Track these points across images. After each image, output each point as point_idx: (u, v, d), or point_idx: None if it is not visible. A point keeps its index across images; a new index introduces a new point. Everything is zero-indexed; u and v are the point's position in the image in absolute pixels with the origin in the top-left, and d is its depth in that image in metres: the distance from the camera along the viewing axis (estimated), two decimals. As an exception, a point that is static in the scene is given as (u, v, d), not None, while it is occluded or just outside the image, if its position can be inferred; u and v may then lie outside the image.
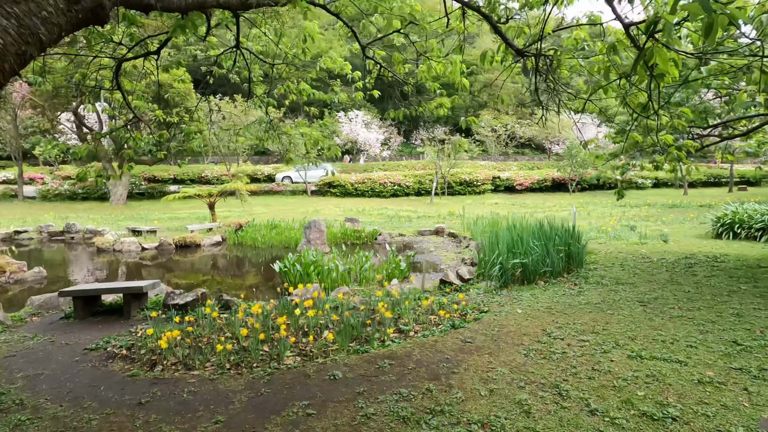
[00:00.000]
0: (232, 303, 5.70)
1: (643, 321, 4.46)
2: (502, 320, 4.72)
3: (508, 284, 6.55)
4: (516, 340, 4.09)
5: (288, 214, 19.18)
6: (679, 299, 5.21)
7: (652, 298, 5.29)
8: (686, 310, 4.78)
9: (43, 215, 18.35)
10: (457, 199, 24.86)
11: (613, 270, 7.13)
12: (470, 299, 5.79)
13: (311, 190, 26.31)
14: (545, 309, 5.08)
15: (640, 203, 20.73)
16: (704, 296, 5.31)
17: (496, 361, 3.66)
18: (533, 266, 6.58)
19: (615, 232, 11.62)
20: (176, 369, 3.93)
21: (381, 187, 25.29)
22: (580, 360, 3.56)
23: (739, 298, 5.18)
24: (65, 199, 23.00)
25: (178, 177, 32.14)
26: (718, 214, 10.97)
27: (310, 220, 10.02)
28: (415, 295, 5.97)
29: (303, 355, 4.12)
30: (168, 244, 12.07)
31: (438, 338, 4.27)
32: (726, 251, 8.65)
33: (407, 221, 16.52)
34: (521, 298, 5.65)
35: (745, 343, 3.74)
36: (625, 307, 5.00)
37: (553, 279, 6.64)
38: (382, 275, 7.71)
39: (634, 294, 5.54)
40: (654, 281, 6.22)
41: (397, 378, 3.45)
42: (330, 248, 10.15)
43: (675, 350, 3.67)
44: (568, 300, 5.44)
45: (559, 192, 26.53)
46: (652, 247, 9.54)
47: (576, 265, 7.27)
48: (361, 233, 12.82)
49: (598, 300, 5.35)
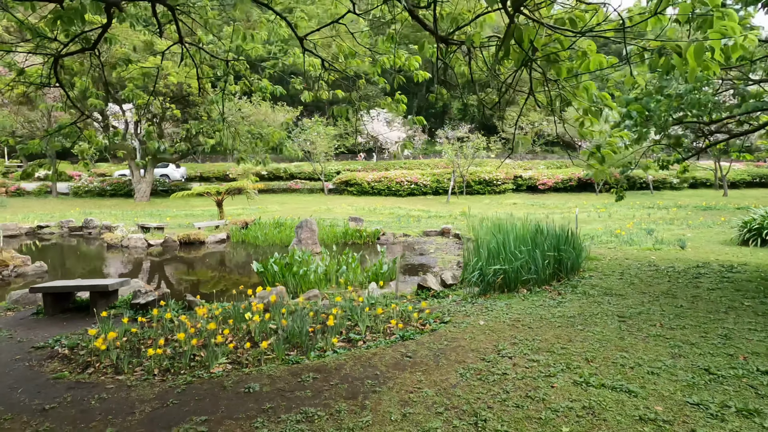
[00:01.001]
0: (195, 304, 5.62)
1: (612, 340, 3.99)
2: (458, 333, 4.36)
3: (487, 292, 6.14)
4: (460, 356, 3.75)
5: (300, 212, 19.25)
6: (666, 315, 4.66)
7: (636, 313, 4.77)
8: (668, 328, 4.26)
9: (70, 211, 19.26)
10: (475, 198, 24.19)
11: (608, 279, 6.56)
12: (439, 308, 5.44)
13: (328, 188, 26.35)
14: (511, 321, 4.67)
15: (671, 205, 19.40)
16: (697, 312, 4.73)
17: (427, 380, 3.34)
18: (514, 273, 6.13)
19: (630, 236, 10.85)
20: (106, 372, 3.84)
21: (397, 185, 24.98)
22: (518, 384, 3.18)
23: (736, 315, 4.58)
24: (95, 196, 24.10)
25: (204, 174, 33.10)
26: (745, 219, 10.00)
27: (302, 220, 9.91)
28: (384, 302, 5.69)
29: (236, 363, 3.94)
30: (172, 241, 12.30)
31: (380, 350, 3.99)
32: (747, 260, 7.83)
33: (416, 221, 16.16)
34: (493, 308, 5.26)
35: (718, 372, 3.24)
36: (600, 322, 4.52)
37: (537, 287, 6.17)
38: (362, 278, 7.46)
39: (618, 307, 5.02)
40: (648, 293, 5.65)
41: (313, 395, 3.20)
42: (322, 248, 9.98)
43: (631, 377, 3.22)
44: (542, 312, 5.00)
45: (584, 192, 25.30)
46: (664, 253, 8.78)
47: (567, 272, 6.74)
48: (363, 233, 12.60)
49: (575, 313, 4.88)
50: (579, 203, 20.87)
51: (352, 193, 25.50)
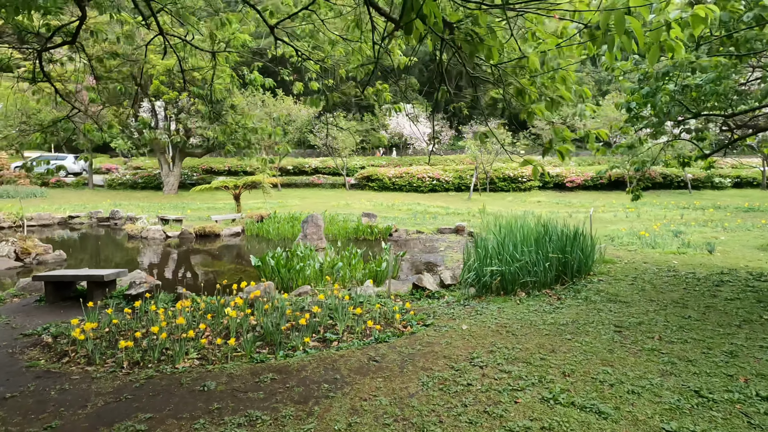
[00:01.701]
0: (184, 296, 5.66)
1: (600, 352, 3.67)
2: (436, 337, 4.15)
3: (483, 294, 5.87)
4: (429, 363, 3.54)
5: (319, 207, 19.33)
6: (670, 327, 4.26)
7: (636, 323, 4.38)
8: (667, 341, 3.88)
9: (102, 202, 20.17)
10: (498, 196, 23.55)
11: (618, 284, 6.13)
12: (427, 309, 5.23)
13: (350, 183, 26.36)
14: (497, 327, 4.40)
15: (708, 205, 18.13)
16: (705, 325, 4.30)
17: (386, 387, 3.16)
18: (511, 275, 5.82)
19: (654, 238, 10.16)
20: (79, 363, 3.89)
21: (419, 181, 24.65)
22: (480, 397, 2.95)
23: (750, 330, 4.13)
24: (127, 188, 25.17)
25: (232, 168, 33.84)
26: (785, 222, 9.13)
27: (308, 215, 9.88)
28: (372, 301, 5.53)
29: (205, 359, 3.90)
30: (188, 233, 12.59)
31: (349, 353, 3.84)
32: (781, 268, 7.13)
33: (432, 218, 15.86)
34: (483, 312, 4.99)
35: (710, 395, 2.88)
36: (593, 332, 4.19)
37: (536, 291, 5.84)
38: (360, 275, 7.33)
39: (618, 316, 4.65)
40: (657, 301, 5.21)
41: (266, 397, 3.09)
42: (327, 244, 9.90)
43: (608, 396, 2.92)
44: (533, 317, 4.70)
45: (615, 190, 24.08)
46: (689, 257, 8.15)
47: (573, 275, 6.34)
48: (374, 229, 12.46)
49: (569, 320, 4.55)
50: (608, 202, 19.86)
51: (373, 188, 25.39)
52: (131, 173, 25.93)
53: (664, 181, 24.56)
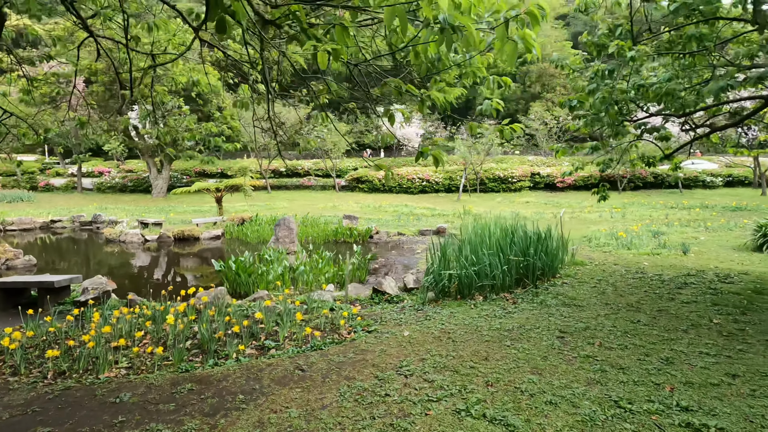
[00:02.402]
0: (134, 303, 5.57)
1: (533, 359, 3.57)
2: (373, 345, 4.05)
3: (441, 298, 5.77)
4: (355, 372, 3.44)
5: (307, 209, 19.24)
6: (615, 332, 4.16)
7: (582, 328, 4.28)
8: (606, 348, 3.77)
9: (89, 206, 20.10)
10: (488, 196, 23.44)
11: (580, 287, 6.03)
12: (379, 314, 5.13)
13: (341, 185, 26.28)
14: (440, 333, 4.30)
15: (697, 205, 18.01)
16: (652, 330, 4.20)
17: (301, 398, 3.06)
18: (468, 279, 5.72)
19: (632, 239, 10.05)
20: (4, 373, 3.80)
21: (409, 183, 24.56)
22: (392, 409, 2.85)
23: (696, 335, 4.02)
24: (117, 192, 25.10)
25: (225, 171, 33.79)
26: (761, 222, 9.03)
27: (280, 218, 9.78)
28: (326, 306, 5.43)
29: (133, 368, 3.81)
30: (167, 237, 12.51)
31: (278, 361, 3.74)
32: (751, 268, 7.02)
33: (416, 219, 15.76)
34: (432, 317, 4.89)
35: (629, 406, 2.78)
36: (535, 337, 4.08)
37: (494, 294, 5.73)
38: (323, 279, 7.24)
39: (568, 321, 4.54)
40: (612, 305, 5.11)
41: (176, 409, 2.99)
42: (299, 247, 9.80)
43: (524, 407, 2.81)
44: (482, 323, 4.60)
45: (606, 190, 23.96)
46: (661, 259, 8.05)
47: (535, 278, 6.24)
48: (354, 231, 12.37)
49: (516, 325, 4.45)
50: (596, 202, 19.72)
51: (363, 190, 25.31)
52: (121, 177, 25.87)
53: (655, 180, 24.45)
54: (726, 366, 3.34)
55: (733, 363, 3.39)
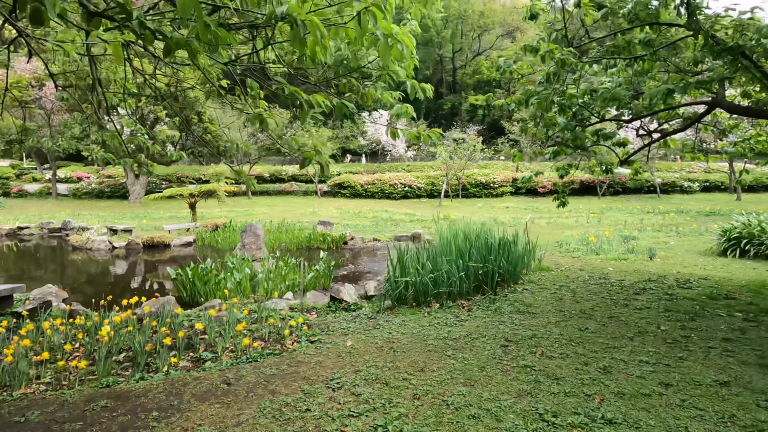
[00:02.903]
0: (77, 313, 5.35)
1: (470, 370, 3.46)
2: (311, 356, 3.91)
3: (398, 305, 5.65)
4: (282, 386, 3.30)
5: (286, 215, 19.03)
6: (560, 340, 4.08)
7: (529, 336, 4.20)
8: (547, 356, 3.69)
9: (61, 212, 19.63)
10: (469, 201, 23.48)
11: (539, 294, 5.97)
12: (330, 323, 4.99)
13: (323, 191, 26.12)
14: (384, 342, 4.18)
15: (672, 210, 18.23)
16: (598, 337, 4.13)
17: (218, 415, 2.91)
18: (423, 287, 5.62)
19: (602, 244, 10.07)
20: None
21: (391, 188, 24.50)
22: (308, 426, 2.72)
23: (640, 342, 3.96)
24: (93, 198, 24.59)
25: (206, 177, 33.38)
26: (725, 227, 9.11)
27: (247, 224, 9.60)
28: (283, 314, 5.28)
29: (55, 384, 3.61)
30: (135, 244, 12.22)
31: (207, 374, 3.58)
32: (712, 273, 7.04)
33: (394, 225, 15.67)
34: (383, 326, 4.77)
35: (553, 419, 2.68)
36: (479, 347, 3.98)
37: (450, 301, 5.64)
38: (284, 287, 7.07)
39: (517, 329, 4.46)
40: (566, 311, 5.04)
41: (82, 428, 2.82)
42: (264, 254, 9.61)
43: (445, 422, 2.70)
44: (430, 332, 4.49)
45: (587, 195, 24.19)
46: (627, 264, 8.05)
47: (495, 285, 6.16)
48: (327, 238, 12.22)
49: (464, 334, 4.35)
50: (575, 207, 19.87)
51: (346, 195, 25.17)
52: (98, 182, 25.37)
53: (634, 186, 24.74)
54: (662, 375, 3.28)
55: (670, 372, 3.33)
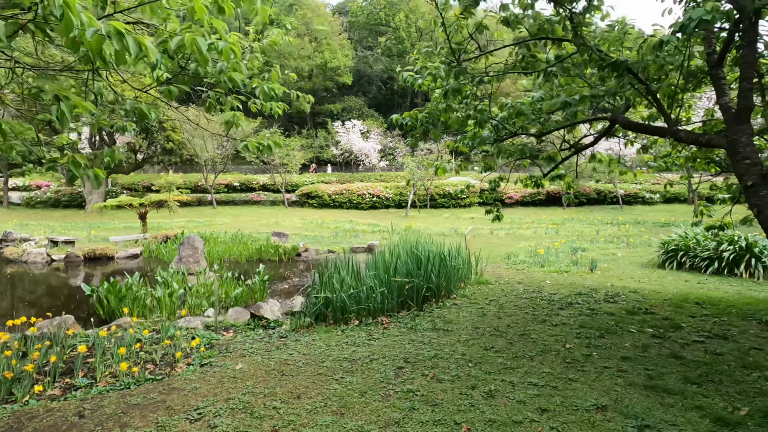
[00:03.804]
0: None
1: (350, 396, 3.27)
2: (190, 381, 3.65)
3: (312, 324, 5.42)
4: (138, 418, 3.03)
5: (248, 225, 18.62)
6: (461, 360, 3.93)
7: (430, 357, 4.03)
8: (439, 379, 3.53)
9: (9, 222, 18.73)
10: (437, 212, 23.50)
11: (467, 309, 5.84)
12: (234, 342, 4.73)
13: (291, 200, 25.77)
14: (276, 365, 3.95)
15: (630, 220, 18.60)
16: (500, 357, 4.00)
17: (48, 454, 2.63)
18: (341, 303, 5.42)
19: (551, 256, 10.10)
20: None
21: (359, 198, 24.33)
22: (139, 465, 2.47)
23: (538, 363, 3.84)
24: (48, 207, 23.61)
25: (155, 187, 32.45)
26: (665, 239, 9.25)
27: (185, 236, 9.25)
28: (197, 333, 4.99)
29: None
30: (75, 256, 11.66)
31: (63, 405, 3.28)
32: (643, 286, 7.07)
33: (353, 236, 15.47)
34: (289, 345, 4.54)
35: (407, 452, 2.51)
36: (375, 368, 3.80)
37: (370, 318, 5.45)
38: (208, 303, 6.76)
39: (422, 348, 4.29)
40: (481, 328, 4.92)
41: None
42: (200, 268, 9.24)
43: (290, 458, 2.49)
44: (334, 352, 4.28)
45: (552, 206, 24.54)
46: (567, 276, 8.04)
47: (421, 300, 6.02)
48: (279, 249, 11.93)
49: (366, 354, 4.16)
50: (538, 218, 20.10)
51: (313, 205, 24.88)
52: (53, 191, 24.41)
53: (598, 197, 25.23)
54: (544, 399, 3.15)
55: (554, 395, 3.20)
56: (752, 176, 2.88)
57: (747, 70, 3.05)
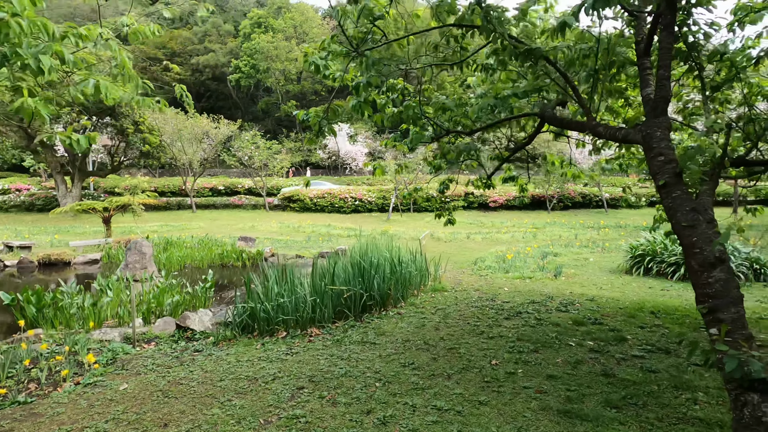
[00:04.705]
0: None
1: (225, 423, 2.89)
2: (61, 404, 3.26)
3: (236, 336, 5.03)
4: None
5: (225, 230, 18.20)
6: (372, 378, 3.56)
7: (339, 375, 3.66)
8: (334, 402, 3.15)
9: (-23, 226, 18.21)
10: (419, 216, 23.14)
11: (408, 319, 5.48)
12: (142, 356, 4.34)
13: (273, 204, 25.36)
14: (168, 385, 3.56)
15: (612, 224, 18.31)
16: (416, 375, 3.63)
17: None
18: (265, 314, 5.04)
19: (518, 261, 9.75)
20: None
21: (341, 202, 23.96)
22: None
23: (455, 381, 3.48)
24: (22, 210, 23.07)
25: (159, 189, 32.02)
26: (633, 244, 8.94)
27: (132, 241, 8.84)
28: (112, 347, 4.59)
29: None
30: (29, 262, 11.20)
31: None
32: (605, 294, 6.73)
33: (327, 240, 15.09)
34: (196, 362, 4.16)
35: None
36: (272, 389, 3.42)
37: (300, 330, 5.08)
38: (143, 310, 6.36)
39: (336, 364, 3.92)
40: (413, 341, 4.55)
41: None
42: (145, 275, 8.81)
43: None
44: (240, 369, 3.90)
45: (537, 210, 24.24)
46: (528, 284, 7.69)
47: (360, 310, 5.65)
48: (243, 255, 11.53)
49: (271, 373, 3.78)
50: (519, 222, 19.77)
51: (295, 209, 24.47)
52: (28, 194, 23.89)
53: (583, 200, 24.98)
54: (440, 428, 2.78)
55: (453, 423, 2.84)
56: (665, 175, 2.54)
57: (664, 56, 2.72)
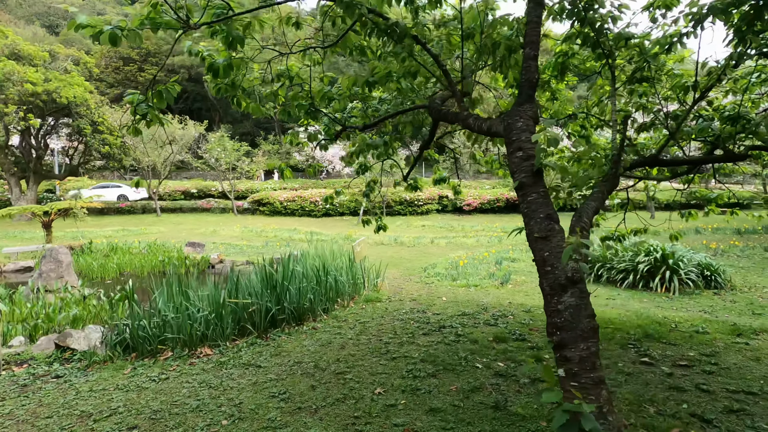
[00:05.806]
0: None
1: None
2: None
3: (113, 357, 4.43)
4: None
5: (186, 234, 17.46)
6: (225, 414, 3.02)
7: (190, 409, 3.11)
8: (155, 450, 2.60)
9: None
10: (391, 220, 22.63)
11: (321, 335, 4.96)
12: None
13: (243, 208, 24.64)
14: None
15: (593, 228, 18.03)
16: (281, 407, 3.10)
17: None
18: (143, 332, 4.46)
19: (470, 267, 9.30)
20: None
21: (312, 205, 23.35)
22: None
23: (319, 418, 2.95)
24: (-26, 214, 21.99)
25: (126, 192, 30.98)
26: (585, 250, 8.52)
27: (48, 249, 8.15)
28: None
29: None
30: (-49, 270, 10.39)
31: None
32: (540, 304, 6.28)
33: (285, 245, 14.47)
34: (40, 391, 3.57)
35: None
36: (91, 428, 2.85)
37: (187, 349, 4.51)
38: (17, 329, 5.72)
39: (192, 396, 3.37)
40: (303, 363, 4.03)
41: None
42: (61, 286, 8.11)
43: None
44: (78, 403, 3.33)
45: (511, 213, 23.93)
46: (471, 293, 7.23)
47: (264, 326, 5.11)
48: (187, 261, 10.89)
49: (109, 408, 3.21)
50: (489, 226, 19.39)
51: (264, 213, 23.78)
52: (-18, 198, 22.79)
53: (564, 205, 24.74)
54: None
55: (281, 477, 2.31)
56: (521, 174, 2.08)
57: (531, 32, 2.26)
